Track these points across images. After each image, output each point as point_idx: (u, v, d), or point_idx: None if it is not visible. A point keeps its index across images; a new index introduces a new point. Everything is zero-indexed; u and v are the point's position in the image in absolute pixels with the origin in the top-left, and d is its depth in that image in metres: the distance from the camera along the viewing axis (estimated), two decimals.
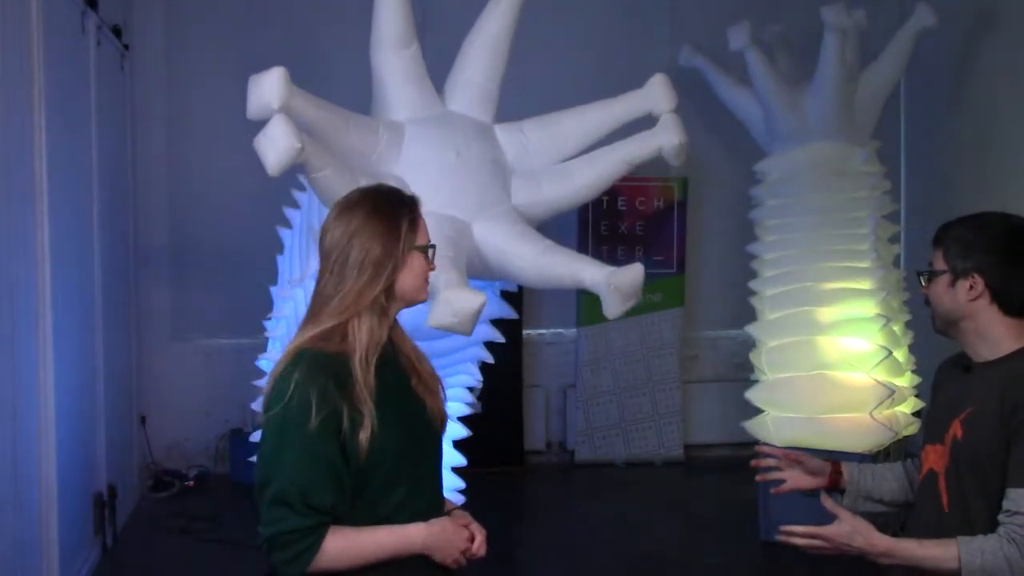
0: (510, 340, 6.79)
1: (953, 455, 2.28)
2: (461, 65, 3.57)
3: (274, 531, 1.97)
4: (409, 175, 3.26)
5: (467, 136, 3.39)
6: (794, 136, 5.62)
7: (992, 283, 2.28)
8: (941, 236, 2.37)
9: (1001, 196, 6.09)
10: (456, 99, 3.52)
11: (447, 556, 2.09)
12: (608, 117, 3.60)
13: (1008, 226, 2.31)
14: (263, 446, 2.03)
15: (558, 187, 3.46)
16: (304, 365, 2.00)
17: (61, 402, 4.28)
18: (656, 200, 7.06)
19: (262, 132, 2.90)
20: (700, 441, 7.19)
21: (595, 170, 3.47)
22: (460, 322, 2.98)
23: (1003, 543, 2.14)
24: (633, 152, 3.46)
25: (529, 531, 6.00)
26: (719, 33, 5.76)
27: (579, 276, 3.25)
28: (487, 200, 3.33)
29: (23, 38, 3.98)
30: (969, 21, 6.38)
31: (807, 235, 5.54)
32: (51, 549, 4.18)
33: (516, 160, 3.50)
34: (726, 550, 5.44)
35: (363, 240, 2.06)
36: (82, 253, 4.91)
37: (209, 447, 6.70)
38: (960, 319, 2.33)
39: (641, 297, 3.28)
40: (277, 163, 2.87)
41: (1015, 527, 2.13)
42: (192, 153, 6.67)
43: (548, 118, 3.61)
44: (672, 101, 3.55)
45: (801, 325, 5.43)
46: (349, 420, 1.98)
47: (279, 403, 1.98)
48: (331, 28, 6.40)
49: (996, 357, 2.29)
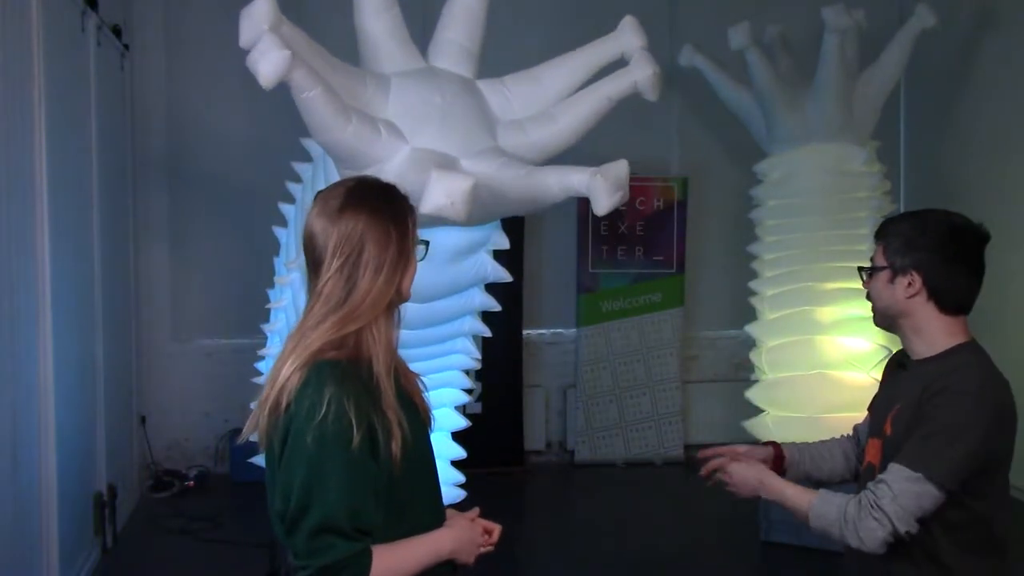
0: (510, 340, 6.87)
1: (884, 450, 2.32)
2: (442, 26, 3.67)
3: (326, 561, 1.82)
4: (397, 119, 3.32)
5: (452, 85, 3.48)
6: (794, 136, 5.62)
7: (930, 281, 2.27)
8: (882, 231, 2.37)
9: (1001, 196, 6.09)
10: (439, 58, 3.61)
11: (469, 555, 2.05)
12: (584, 63, 3.68)
13: (949, 224, 2.30)
14: (295, 468, 1.84)
15: (543, 130, 3.54)
16: (332, 376, 1.86)
17: (61, 402, 4.28)
18: (656, 200, 7.06)
19: (254, 49, 2.93)
20: (700, 441, 7.14)
21: (577, 110, 3.55)
22: (454, 204, 2.96)
23: (850, 502, 2.21)
24: (611, 88, 3.54)
25: (529, 531, 5.99)
26: (719, 33, 5.76)
27: (566, 182, 3.28)
28: (473, 140, 3.40)
29: (23, 38, 3.98)
30: (969, 21, 6.39)
31: (807, 235, 5.54)
32: (51, 549, 4.18)
33: (501, 112, 3.59)
34: (726, 550, 5.44)
35: (377, 237, 1.92)
36: (82, 253, 4.91)
37: (209, 447, 6.71)
38: (898, 316, 2.33)
39: (627, 191, 3.29)
40: (269, 72, 2.90)
41: (869, 492, 2.19)
42: (192, 153, 6.67)
43: (527, 72, 3.70)
44: (642, 39, 3.65)
45: (801, 325, 5.43)
46: (383, 431, 1.87)
47: (310, 419, 1.82)
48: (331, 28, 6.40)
49: (931, 355, 2.30)
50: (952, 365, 2.25)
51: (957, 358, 2.27)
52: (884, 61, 5.71)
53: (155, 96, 6.60)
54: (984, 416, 2.18)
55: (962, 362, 2.26)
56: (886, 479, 2.18)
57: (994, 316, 6.02)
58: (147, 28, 6.55)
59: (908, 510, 2.15)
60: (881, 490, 2.17)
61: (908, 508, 2.15)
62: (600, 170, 3.21)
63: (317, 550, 1.83)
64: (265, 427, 1.92)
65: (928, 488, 2.14)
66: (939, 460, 2.15)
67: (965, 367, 2.24)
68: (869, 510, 2.17)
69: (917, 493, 2.14)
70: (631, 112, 5.57)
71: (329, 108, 3.02)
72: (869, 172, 5.65)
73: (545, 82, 3.65)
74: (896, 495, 2.15)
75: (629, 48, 3.65)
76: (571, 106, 3.57)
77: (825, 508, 2.25)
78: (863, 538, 2.17)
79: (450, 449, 3.80)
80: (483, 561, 2.17)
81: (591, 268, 7.01)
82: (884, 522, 2.15)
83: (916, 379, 2.28)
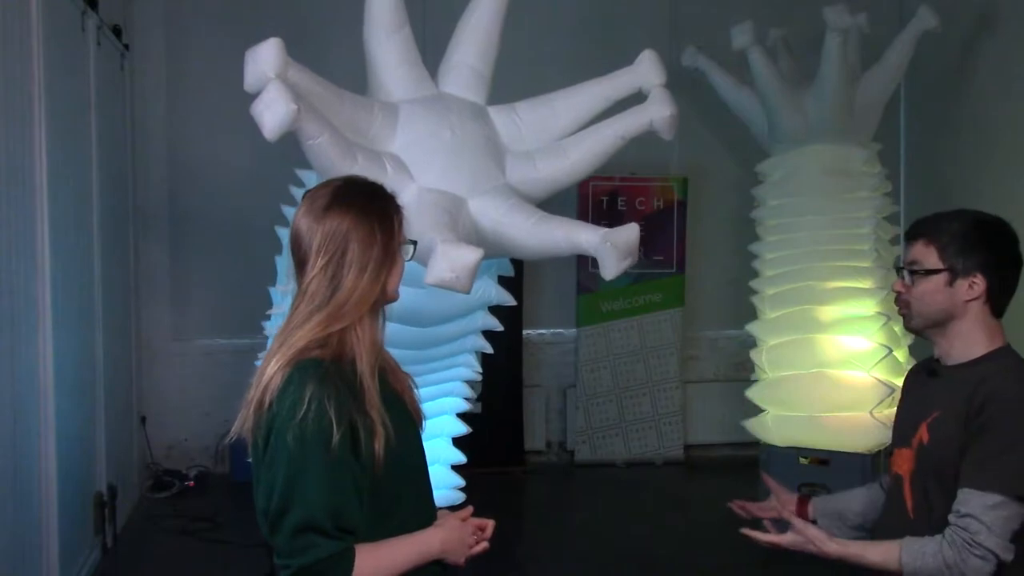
0: (510, 340, 6.86)
1: (918, 459, 2.26)
2: (454, 48, 3.60)
3: (306, 561, 1.82)
4: (404, 153, 3.28)
5: (461, 115, 3.41)
6: (796, 137, 5.62)
7: (992, 283, 2.24)
8: (930, 231, 2.28)
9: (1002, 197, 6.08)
10: (449, 81, 3.54)
11: (460, 555, 2.04)
12: (599, 95, 3.62)
13: (1000, 225, 2.28)
14: (275, 468, 1.85)
15: (553, 164, 3.48)
16: (314, 375, 1.86)
17: (61, 402, 4.28)
18: (656, 200, 7.06)
19: (258, 98, 2.90)
20: (700, 441, 7.19)
21: (589, 146, 3.48)
22: (458, 278, 2.93)
23: (943, 545, 2.11)
24: (625, 126, 3.48)
25: (529, 531, 6.00)
26: (719, 34, 5.76)
27: (575, 239, 3.23)
28: (482, 177, 3.34)
29: (23, 38, 3.98)
30: (969, 23, 6.38)
31: (808, 235, 5.54)
32: (51, 549, 4.18)
33: (510, 141, 3.52)
34: (726, 550, 5.43)
35: (362, 237, 1.92)
36: (82, 253, 4.91)
37: (209, 447, 6.70)
38: (949, 319, 2.27)
39: (638, 256, 3.25)
40: (274, 126, 2.87)
41: (959, 528, 2.11)
42: (192, 153, 6.67)
43: (541, 99, 3.63)
44: (661, 75, 3.57)
45: (802, 324, 5.44)
46: (365, 431, 1.87)
47: (291, 418, 1.83)
48: (332, 28, 6.41)
49: (966, 360, 2.25)
50: (994, 370, 2.20)
51: (998, 362, 2.22)
52: (885, 62, 5.72)
53: (155, 96, 6.60)
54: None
55: (1001, 367, 2.21)
56: (971, 512, 2.09)
57: None
58: (147, 28, 6.55)
59: (1006, 537, 2.09)
60: (972, 525, 2.09)
61: (1004, 535, 2.09)
62: (610, 236, 3.15)
63: (299, 549, 1.83)
64: (251, 425, 1.93)
65: (1014, 508, 2.08)
66: (1016, 475, 2.09)
67: (1004, 371, 2.20)
68: (968, 549, 2.08)
69: (1006, 517, 2.08)
70: None
71: (335, 151, 2.99)
72: (870, 172, 5.66)
73: (558, 111, 3.58)
74: (990, 526, 2.08)
75: (647, 84, 3.59)
76: (583, 141, 3.50)
77: (921, 561, 2.14)
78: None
79: (451, 454, 3.80)
80: (483, 562, 2.16)
81: (591, 268, 7.00)
82: (989, 558, 2.08)
83: (956, 385, 2.22)
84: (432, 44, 3.83)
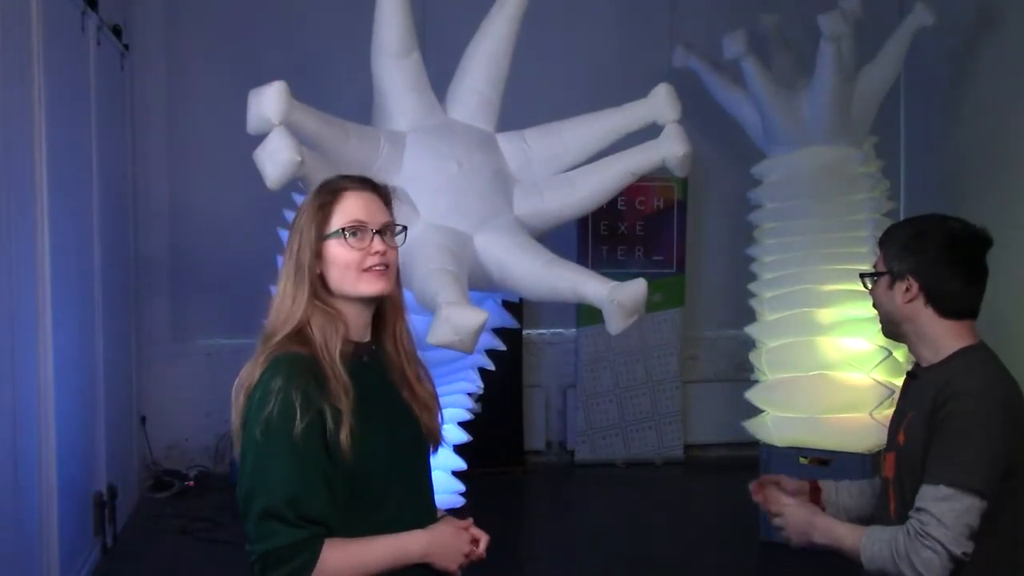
0: (510, 340, 6.83)
1: (898, 461, 2.29)
2: (463, 74, 3.57)
3: (266, 547, 1.86)
4: (410, 186, 3.25)
5: (469, 146, 3.37)
6: (792, 140, 5.62)
7: (926, 286, 2.25)
8: (884, 237, 2.37)
9: (1002, 195, 6.08)
10: (458, 108, 3.50)
11: (450, 562, 2.01)
12: (612, 127, 3.58)
13: (945, 229, 2.28)
14: (245, 457, 1.91)
15: (561, 197, 3.44)
16: (283, 368, 1.92)
17: (61, 402, 4.28)
18: (656, 200, 7.06)
19: (261, 146, 2.87)
20: (700, 441, 7.19)
21: (598, 180, 3.45)
22: (461, 340, 2.93)
23: (898, 535, 2.15)
24: (637, 163, 3.44)
25: (529, 531, 6.00)
26: (719, 34, 5.75)
27: (581, 291, 3.22)
28: (489, 211, 3.31)
29: (23, 38, 3.98)
30: (969, 20, 6.37)
31: (806, 238, 5.54)
32: (51, 549, 4.18)
33: (519, 170, 3.48)
34: (726, 550, 5.44)
35: (292, 238, 2.02)
36: (82, 253, 4.91)
37: (209, 447, 6.70)
38: (900, 322, 2.32)
39: (644, 312, 3.23)
40: (277, 177, 2.86)
41: (914, 521, 2.13)
42: (192, 153, 6.67)
43: (551, 127, 3.58)
44: (676, 111, 3.53)
45: (801, 326, 5.43)
46: (332, 420, 1.89)
47: (260, 410, 1.89)
48: (331, 27, 6.41)
49: (938, 360, 2.27)
50: (958, 368, 2.22)
51: (962, 360, 2.24)
52: (881, 60, 5.70)
53: (155, 96, 6.60)
54: (994, 415, 2.14)
55: (966, 364, 2.23)
56: (924, 505, 2.12)
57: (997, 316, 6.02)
58: (147, 28, 6.55)
59: (957, 530, 2.08)
60: (924, 517, 2.11)
61: (956, 528, 2.08)
62: (617, 293, 3.13)
63: (261, 536, 1.87)
64: (235, 423, 2.00)
65: (966, 500, 2.09)
66: (966, 468, 2.09)
67: (968, 369, 2.22)
68: (919, 540, 2.09)
69: (958, 510, 2.08)
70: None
71: None
72: (867, 173, 5.65)
73: (568, 140, 3.55)
74: (940, 518, 2.08)
75: (662, 118, 3.54)
76: (592, 175, 3.46)
77: (876, 547, 2.17)
78: (921, 570, 2.09)
79: (451, 461, 3.79)
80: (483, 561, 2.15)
81: (591, 268, 7.00)
82: (938, 549, 2.08)
83: (926, 386, 2.25)
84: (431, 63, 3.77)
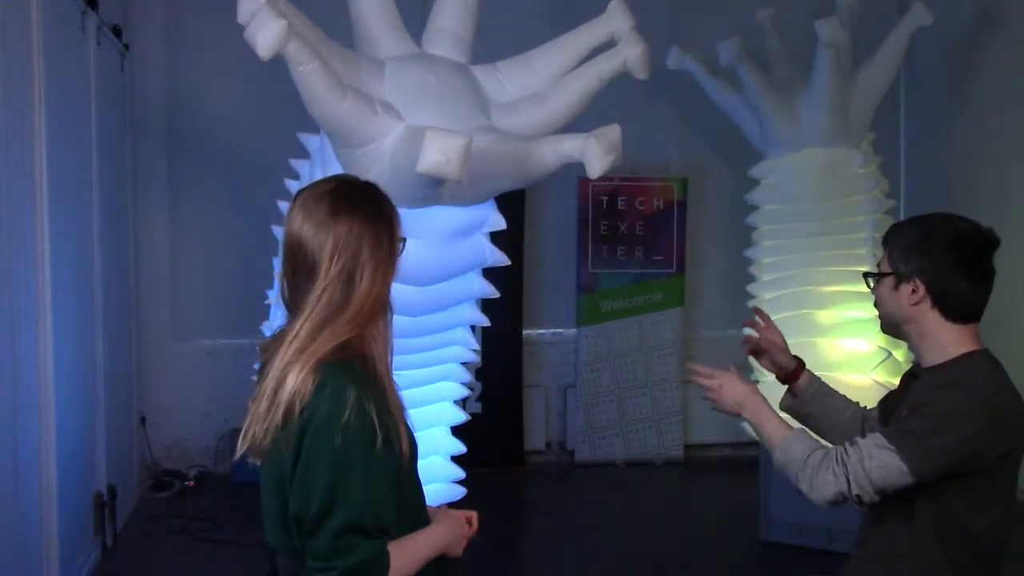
0: (510, 340, 6.87)
1: None
2: (435, 15, 3.72)
3: (352, 562, 1.83)
4: (392, 99, 3.34)
5: (446, 68, 3.52)
6: (789, 142, 5.62)
7: (933, 288, 2.24)
8: (888, 236, 2.35)
9: (1001, 195, 6.09)
10: (432, 46, 3.65)
11: (459, 547, 2.08)
12: (574, 47, 3.73)
13: (953, 230, 2.26)
14: (317, 470, 1.83)
15: (536, 111, 3.58)
16: (350, 377, 1.86)
17: (61, 402, 4.28)
18: (656, 200, 7.06)
19: (251, 22, 2.95)
20: (700, 441, 7.19)
21: (568, 91, 3.61)
22: (448, 160, 2.95)
23: (820, 449, 2.20)
24: (601, 68, 3.60)
25: (529, 531, 6.00)
26: (719, 36, 5.75)
27: (560, 149, 3.31)
28: (468, 118, 3.42)
29: (23, 38, 3.98)
30: (969, 20, 6.39)
31: (805, 240, 5.55)
32: (51, 549, 4.18)
33: (494, 94, 3.63)
34: (726, 550, 5.44)
35: (371, 238, 1.93)
36: (82, 253, 4.91)
37: (209, 447, 6.70)
38: (902, 322, 2.31)
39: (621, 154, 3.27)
40: (267, 43, 2.92)
41: (843, 448, 2.18)
42: (192, 153, 6.67)
43: (519, 57, 3.74)
44: (630, 20, 3.69)
45: (801, 327, 5.43)
46: (395, 432, 1.89)
47: (335, 421, 1.82)
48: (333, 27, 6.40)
49: (938, 363, 2.27)
50: (962, 370, 2.22)
51: (968, 363, 2.24)
52: (879, 60, 5.70)
53: (155, 96, 6.60)
54: (979, 416, 2.14)
55: (971, 367, 2.23)
56: (863, 443, 2.17)
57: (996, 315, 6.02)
58: (147, 28, 6.55)
59: (870, 477, 2.13)
60: (852, 449, 2.16)
61: (871, 474, 2.13)
62: (593, 134, 3.23)
63: (340, 551, 1.83)
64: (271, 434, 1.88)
65: (897, 463, 2.12)
66: (917, 443, 2.13)
67: (972, 369, 2.22)
68: (832, 463, 2.16)
69: (885, 463, 2.12)
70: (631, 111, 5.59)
71: (325, 82, 3.04)
72: (866, 174, 5.65)
73: (537, 67, 3.70)
74: (864, 458, 2.14)
75: (618, 29, 3.69)
76: (563, 87, 3.62)
77: (795, 445, 2.23)
78: (815, 486, 2.17)
79: (449, 444, 3.79)
80: (484, 561, 2.17)
81: (591, 268, 7.01)
82: (840, 478, 2.14)
83: (926, 387, 2.25)
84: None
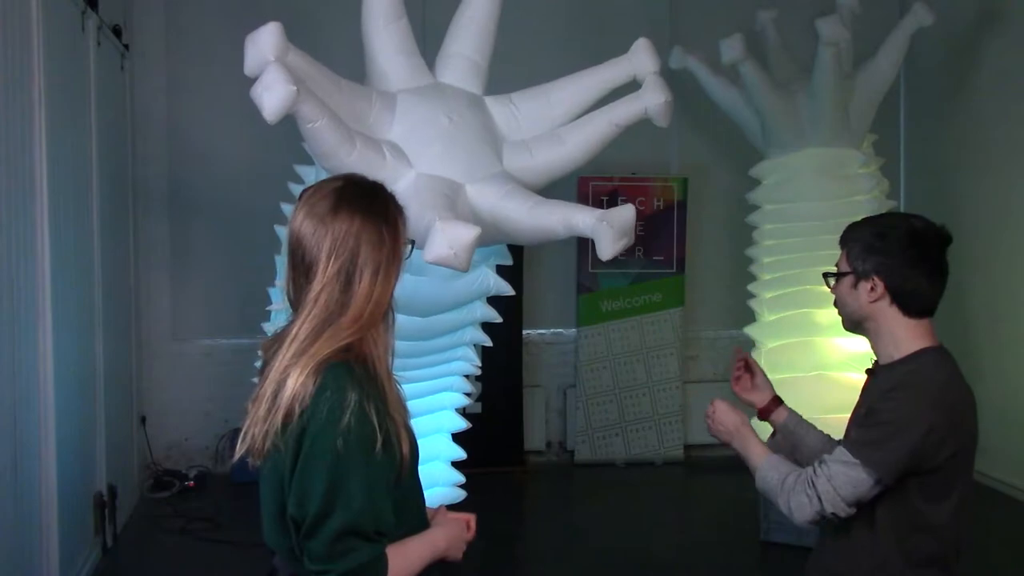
0: (510, 340, 6.87)
1: None
2: (450, 40, 3.63)
3: (351, 566, 1.80)
4: (402, 140, 3.30)
5: (459, 104, 3.43)
6: (790, 142, 5.61)
7: (892, 285, 2.29)
8: (845, 237, 2.40)
9: (1001, 195, 6.09)
10: (447, 72, 3.57)
11: (459, 551, 2.07)
12: (595, 84, 3.65)
13: (909, 228, 2.30)
14: (315, 473, 1.80)
15: (550, 153, 3.50)
16: (351, 379, 1.83)
17: (61, 402, 4.29)
18: (656, 200, 7.06)
19: (258, 81, 2.91)
20: (700, 441, 7.18)
21: (584, 134, 3.51)
22: (456, 254, 2.93)
23: (793, 473, 2.28)
24: (620, 114, 3.50)
25: (529, 531, 6.00)
26: (720, 36, 5.75)
27: (571, 221, 3.24)
28: (479, 163, 3.36)
29: (23, 38, 3.98)
30: (969, 20, 6.39)
31: (805, 239, 5.54)
32: (51, 549, 4.18)
33: (508, 130, 3.55)
34: (726, 550, 5.44)
35: (372, 238, 1.87)
36: (82, 253, 4.91)
37: (209, 447, 6.71)
38: (863, 320, 2.36)
39: (632, 237, 3.25)
40: (274, 107, 2.88)
41: (812, 469, 2.24)
42: (192, 152, 6.67)
43: (537, 89, 3.66)
44: (655, 63, 3.60)
45: (800, 326, 5.43)
46: (395, 435, 1.87)
47: (335, 424, 1.79)
48: (332, 27, 6.41)
49: (894, 360, 2.31)
50: (915, 366, 2.26)
51: (920, 359, 2.27)
52: (880, 60, 5.69)
53: (155, 96, 6.60)
54: (933, 413, 2.17)
55: (924, 363, 2.26)
56: (827, 460, 2.23)
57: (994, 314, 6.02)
58: (147, 28, 6.55)
59: (840, 494, 2.19)
60: (820, 469, 2.23)
61: (841, 491, 2.19)
62: (607, 216, 3.16)
63: (338, 554, 1.80)
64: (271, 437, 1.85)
65: (863, 476, 2.18)
66: (878, 450, 2.17)
67: (924, 367, 2.26)
68: (804, 485, 2.23)
69: (852, 479, 2.18)
70: None
71: (334, 136, 3.00)
72: (867, 174, 5.65)
73: (554, 101, 3.61)
74: (831, 476, 2.20)
75: (642, 71, 3.60)
76: (579, 129, 3.52)
77: (770, 473, 2.33)
78: (792, 510, 2.25)
79: (450, 450, 3.80)
80: (484, 561, 2.17)
81: (591, 268, 7.01)
82: (814, 500, 2.21)
83: (880, 384, 2.29)
84: (432, 37, 3.84)
